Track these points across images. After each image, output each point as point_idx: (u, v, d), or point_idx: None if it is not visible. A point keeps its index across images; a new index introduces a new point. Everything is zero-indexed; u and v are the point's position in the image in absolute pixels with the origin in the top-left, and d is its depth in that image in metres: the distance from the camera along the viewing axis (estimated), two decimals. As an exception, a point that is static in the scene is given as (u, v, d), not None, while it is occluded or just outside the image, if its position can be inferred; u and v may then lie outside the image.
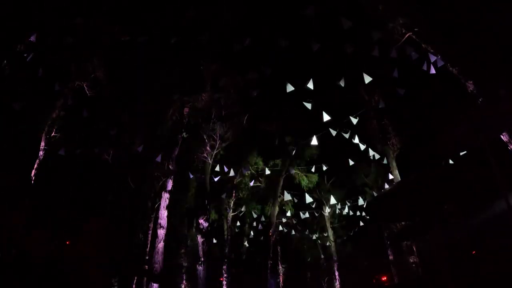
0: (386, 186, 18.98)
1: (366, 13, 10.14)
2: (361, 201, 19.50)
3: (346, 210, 22.37)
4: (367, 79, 10.63)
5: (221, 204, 23.36)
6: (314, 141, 13.66)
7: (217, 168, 17.38)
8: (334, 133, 13.33)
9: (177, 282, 24.24)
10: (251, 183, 20.28)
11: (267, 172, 19.03)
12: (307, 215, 23.34)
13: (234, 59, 16.74)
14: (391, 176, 18.13)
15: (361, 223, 24.82)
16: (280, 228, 27.64)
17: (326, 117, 11.85)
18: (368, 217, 22.43)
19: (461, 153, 10.74)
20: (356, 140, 14.02)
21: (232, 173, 16.83)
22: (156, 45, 13.74)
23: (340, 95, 17.76)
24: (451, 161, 12.06)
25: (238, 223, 25.96)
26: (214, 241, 25.21)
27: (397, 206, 7.95)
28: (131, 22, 13.65)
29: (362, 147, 14.50)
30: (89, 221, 15.49)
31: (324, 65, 17.24)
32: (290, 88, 10.66)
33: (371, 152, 15.22)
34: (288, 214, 24.20)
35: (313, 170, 19.92)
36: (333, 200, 18.40)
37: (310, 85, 10.47)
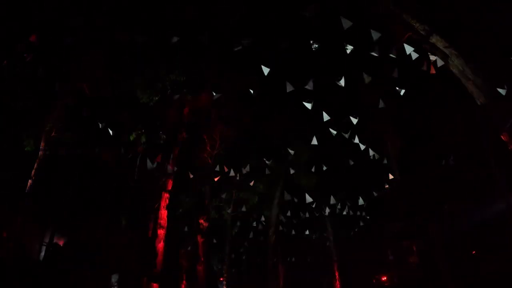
0: (386, 186, 18.99)
1: (366, 13, 10.14)
2: (361, 201, 19.49)
3: (346, 210, 22.36)
4: (367, 79, 10.62)
5: (221, 204, 23.36)
6: (314, 141, 13.66)
7: (217, 168, 17.39)
8: (334, 133, 13.33)
9: (177, 282, 24.24)
10: (251, 183, 20.27)
11: (267, 172, 19.02)
12: (307, 215, 23.32)
13: (234, 59, 16.72)
14: (391, 176, 18.14)
15: (361, 223, 24.83)
16: (280, 228, 27.65)
17: (326, 117, 11.84)
18: (368, 217, 22.44)
19: (461, 153, 10.77)
20: (356, 140, 14.02)
21: (232, 173, 16.83)
22: (156, 45, 13.73)
23: (340, 95, 17.75)
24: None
25: (238, 223, 25.96)
26: (214, 241, 25.23)
27: (397, 206, 7.96)
28: (131, 22, 13.63)
29: (362, 147, 14.50)
30: (89, 221, 15.49)
31: (324, 65, 17.23)
32: (290, 88, 10.65)
33: (371, 152, 15.22)
34: (288, 214, 24.20)
35: (313, 170, 19.91)
36: (333, 200, 18.38)
37: (310, 85, 10.47)
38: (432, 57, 8.77)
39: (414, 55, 9.35)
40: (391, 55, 9.47)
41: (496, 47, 7.60)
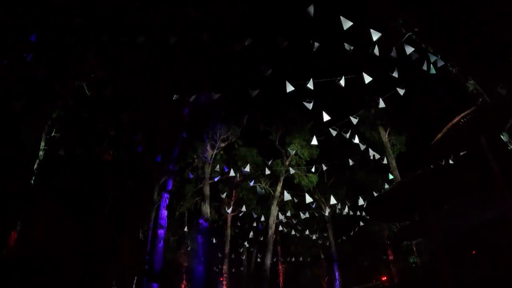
0: (386, 186, 18.98)
1: (366, 12, 10.14)
2: (361, 201, 19.48)
3: (346, 210, 22.36)
4: (367, 79, 10.60)
5: (221, 204, 23.36)
6: (314, 141, 13.65)
7: (217, 168, 17.39)
8: (334, 133, 13.31)
9: (177, 282, 24.25)
10: (251, 183, 20.27)
11: (267, 172, 19.01)
12: (307, 215, 23.31)
13: (234, 59, 16.73)
14: (391, 176, 18.12)
15: (361, 223, 24.82)
16: (280, 228, 27.65)
17: (326, 117, 11.82)
18: (368, 217, 22.43)
19: (461, 153, 10.75)
20: (356, 140, 14.00)
21: (232, 173, 16.83)
22: (156, 45, 13.73)
23: (340, 95, 17.76)
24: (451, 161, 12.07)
25: (238, 223, 25.97)
26: (214, 241, 25.23)
27: (397, 206, 7.95)
28: (131, 22, 13.64)
29: (362, 147, 14.49)
30: (88, 221, 15.47)
31: (324, 64, 17.24)
32: (290, 88, 10.63)
33: (371, 152, 15.21)
34: (288, 214, 24.20)
35: (313, 170, 19.92)
36: (333, 200, 18.37)
37: (310, 85, 10.46)
38: (432, 57, 8.77)
39: (414, 55, 9.35)
40: (391, 55, 9.46)
41: (496, 47, 7.60)
